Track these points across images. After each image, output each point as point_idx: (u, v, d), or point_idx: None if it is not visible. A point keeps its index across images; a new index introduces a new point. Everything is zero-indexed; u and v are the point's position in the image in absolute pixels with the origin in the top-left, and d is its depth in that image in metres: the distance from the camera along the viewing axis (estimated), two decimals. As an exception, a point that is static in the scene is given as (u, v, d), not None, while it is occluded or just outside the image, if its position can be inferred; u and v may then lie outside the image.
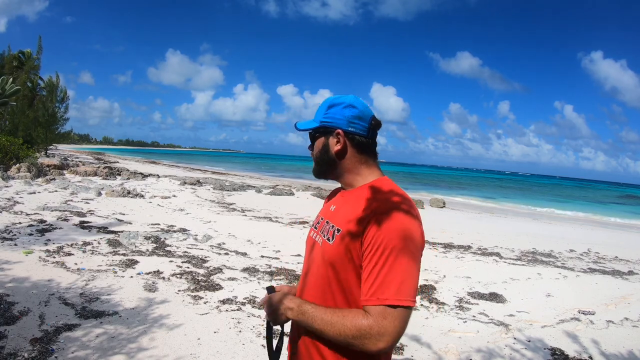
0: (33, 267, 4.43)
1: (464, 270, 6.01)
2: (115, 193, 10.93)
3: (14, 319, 3.15)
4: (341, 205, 1.28)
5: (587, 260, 7.65)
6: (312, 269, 1.26)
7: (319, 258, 1.22)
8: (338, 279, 1.16)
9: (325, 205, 1.41)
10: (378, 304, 1.05)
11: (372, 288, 1.06)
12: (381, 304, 1.04)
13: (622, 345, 3.67)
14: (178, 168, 33.34)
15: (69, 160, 24.18)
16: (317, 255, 1.24)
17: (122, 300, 3.78)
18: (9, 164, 14.37)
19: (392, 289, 1.04)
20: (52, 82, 26.40)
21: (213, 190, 15.22)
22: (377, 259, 1.07)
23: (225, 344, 3.12)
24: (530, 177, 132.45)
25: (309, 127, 1.34)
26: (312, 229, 1.37)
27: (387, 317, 1.03)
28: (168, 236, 6.53)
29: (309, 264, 1.29)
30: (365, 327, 1.04)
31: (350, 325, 1.06)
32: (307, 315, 1.15)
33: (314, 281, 1.23)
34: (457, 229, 10.02)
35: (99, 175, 15.67)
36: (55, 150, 38.12)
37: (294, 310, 1.19)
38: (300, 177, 35.91)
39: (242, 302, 4.03)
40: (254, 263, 5.51)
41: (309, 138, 1.35)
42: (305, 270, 1.31)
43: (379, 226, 1.09)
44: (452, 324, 3.90)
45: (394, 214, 1.10)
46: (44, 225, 6.50)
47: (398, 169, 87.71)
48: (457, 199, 23.28)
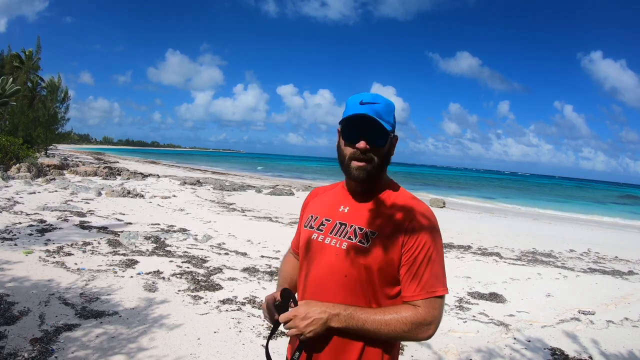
0: (33, 267, 4.43)
1: (464, 270, 6.00)
2: (115, 193, 10.93)
3: (14, 319, 3.15)
4: (360, 207, 1.25)
5: (587, 260, 7.65)
6: (333, 272, 1.21)
7: (348, 261, 1.19)
8: (371, 280, 1.18)
9: (319, 206, 1.35)
10: (428, 297, 1.16)
11: (421, 283, 1.16)
12: (430, 296, 1.16)
13: (622, 345, 3.67)
14: (178, 168, 33.34)
15: (69, 160, 24.18)
16: (343, 258, 1.20)
17: (122, 300, 3.78)
18: (9, 164, 14.37)
19: (438, 282, 1.18)
20: (54, 82, 26.41)
21: (213, 190, 15.22)
22: (422, 257, 1.17)
23: (225, 344, 3.12)
24: (530, 177, 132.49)
25: (390, 121, 1.23)
26: (314, 231, 1.29)
27: (435, 307, 1.16)
28: (168, 236, 6.53)
29: (322, 267, 1.23)
30: (421, 319, 1.14)
31: (406, 320, 1.14)
32: (356, 319, 1.14)
33: (338, 284, 1.19)
34: (457, 228, 10.03)
35: (99, 175, 15.67)
36: (55, 150, 38.12)
37: (341, 316, 1.14)
38: (300, 177, 35.92)
39: (242, 302, 4.03)
40: (254, 263, 5.51)
41: (371, 133, 1.18)
42: (318, 274, 1.24)
43: (418, 227, 1.18)
44: (452, 324, 3.90)
45: (426, 214, 1.21)
46: (44, 225, 6.50)
47: (398, 169, 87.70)
48: (457, 199, 23.28)
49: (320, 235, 1.27)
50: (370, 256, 1.18)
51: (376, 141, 1.19)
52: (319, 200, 1.40)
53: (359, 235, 1.20)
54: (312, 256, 1.27)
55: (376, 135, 1.19)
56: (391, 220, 1.20)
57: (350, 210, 1.26)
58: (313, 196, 1.45)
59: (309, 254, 1.29)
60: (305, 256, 1.31)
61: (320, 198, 1.40)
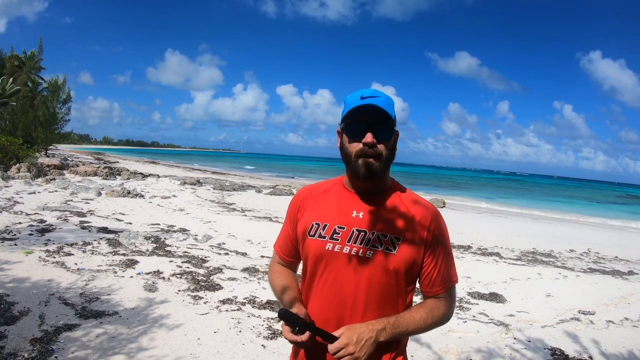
0: (33, 267, 4.43)
1: (464, 270, 6.00)
2: (115, 193, 10.93)
3: (14, 319, 3.15)
4: (376, 212, 1.21)
5: (587, 260, 7.65)
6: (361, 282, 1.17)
7: (378, 268, 1.17)
8: (398, 283, 1.22)
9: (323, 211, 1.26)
10: (449, 288, 1.27)
11: (443, 279, 1.25)
12: (450, 287, 1.27)
13: (622, 345, 3.67)
14: (178, 168, 33.34)
15: (69, 160, 24.17)
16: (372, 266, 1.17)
17: (122, 300, 3.78)
18: (9, 164, 14.37)
19: (453, 274, 1.28)
20: (56, 82, 26.38)
21: (213, 190, 15.22)
22: (442, 256, 1.24)
23: (225, 344, 3.12)
24: (529, 177, 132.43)
25: (393, 115, 1.18)
26: (327, 241, 1.20)
27: (453, 295, 1.29)
28: (168, 236, 6.53)
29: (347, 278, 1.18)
30: (448, 310, 1.27)
31: (439, 314, 1.25)
32: (401, 327, 1.17)
33: (367, 293, 1.18)
34: (457, 228, 10.02)
35: (99, 175, 15.67)
36: (55, 150, 38.11)
37: (387, 329, 1.14)
38: (300, 177, 35.92)
39: (242, 302, 4.03)
40: (254, 263, 5.50)
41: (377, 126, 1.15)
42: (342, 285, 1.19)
43: (436, 228, 1.23)
44: (452, 324, 3.90)
45: (439, 214, 1.27)
46: (44, 225, 6.50)
47: (397, 169, 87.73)
48: (456, 198, 23.27)
49: (337, 245, 1.19)
50: (399, 262, 1.19)
51: (383, 135, 1.16)
52: (320, 204, 1.28)
53: (384, 242, 1.18)
54: (329, 267, 1.20)
55: (382, 129, 1.16)
56: (412, 224, 1.21)
57: (366, 216, 1.20)
58: (307, 198, 1.32)
59: (324, 264, 1.21)
60: (316, 268, 1.23)
61: (320, 201, 1.29)
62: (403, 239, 1.19)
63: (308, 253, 1.24)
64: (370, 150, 1.14)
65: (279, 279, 1.36)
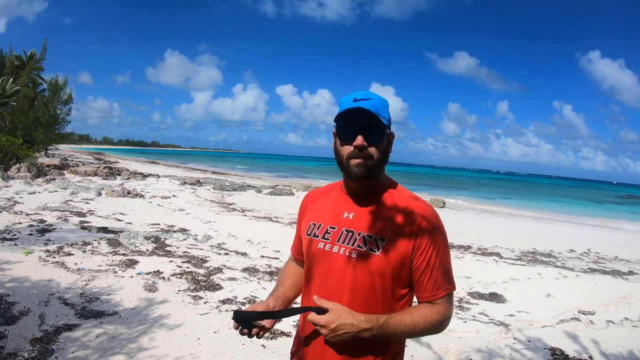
0: (33, 267, 4.43)
1: (464, 270, 6.00)
2: (115, 193, 10.93)
3: (14, 319, 3.15)
4: (365, 213, 1.22)
5: (587, 260, 7.65)
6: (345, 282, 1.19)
7: (360, 269, 1.17)
8: (384, 285, 1.18)
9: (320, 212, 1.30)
10: (444, 294, 1.21)
11: (437, 283, 1.20)
12: (446, 293, 1.21)
13: (622, 345, 3.67)
14: (178, 168, 33.34)
15: (69, 161, 24.18)
16: (354, 266, 1.18)
17: (122, 300, 3.78)
18: (9, 164, 14.37)
19: (450, 280, 1.23)
20: (57, 83, 26.35)
21: (213, 190, 15.22)
22: (435, 258, 1.19)
23: (225, 344, 3.12)
24: (529, 177, 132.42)
25: (386, 117, 1.19)
26: (319, 240, 1.25)
27: (450, 302, 1.23)
28: (168, 236, 6.53)
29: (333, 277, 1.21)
30: (443, 317, 1.20)
31: (432, 319, 1.18)
32: (390, 327, 1.14)
33: (352, 293, 1.18)
34: (457, 228, 10.02)
35: (99, 175, 15.67)
36: (55, 151, 38.11)
37: (373, 330, 1.12)
38: (300, 177, 35.93)
39: (242, 302, 4.03)
40: (254, 263, 5.51)
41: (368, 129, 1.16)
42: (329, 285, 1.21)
43: (426, 229, 1.18)
44: (452, 324, 3.87)
45: (431, 214, 1.21)
46: (44, 225, 6.50)
47: (397, 169, 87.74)
48: (456, 198, 23.27)
49: (327, 244, 1.23)
50: (382, 263, 1.17)
51: (373, 137, 1.17)
52: (319, 205, 1.34)
53: (369, 242, 1.18)
54: (320, 266, 1.24)
55: (373, 131, 1.17)
56: (399, 225, 1.19)
57: (355, 217, 1.23)
58: (311, 200, 1.39)
59: (316, 263, 1.25)
60: (311, 266, 1.27)
61: (319, 203, 1.34)
62: (388, 240, 1.17)
63: (305, 251, 1.31)
64: (360, 153, 1.16)
65: (281, 275, 1.48)
